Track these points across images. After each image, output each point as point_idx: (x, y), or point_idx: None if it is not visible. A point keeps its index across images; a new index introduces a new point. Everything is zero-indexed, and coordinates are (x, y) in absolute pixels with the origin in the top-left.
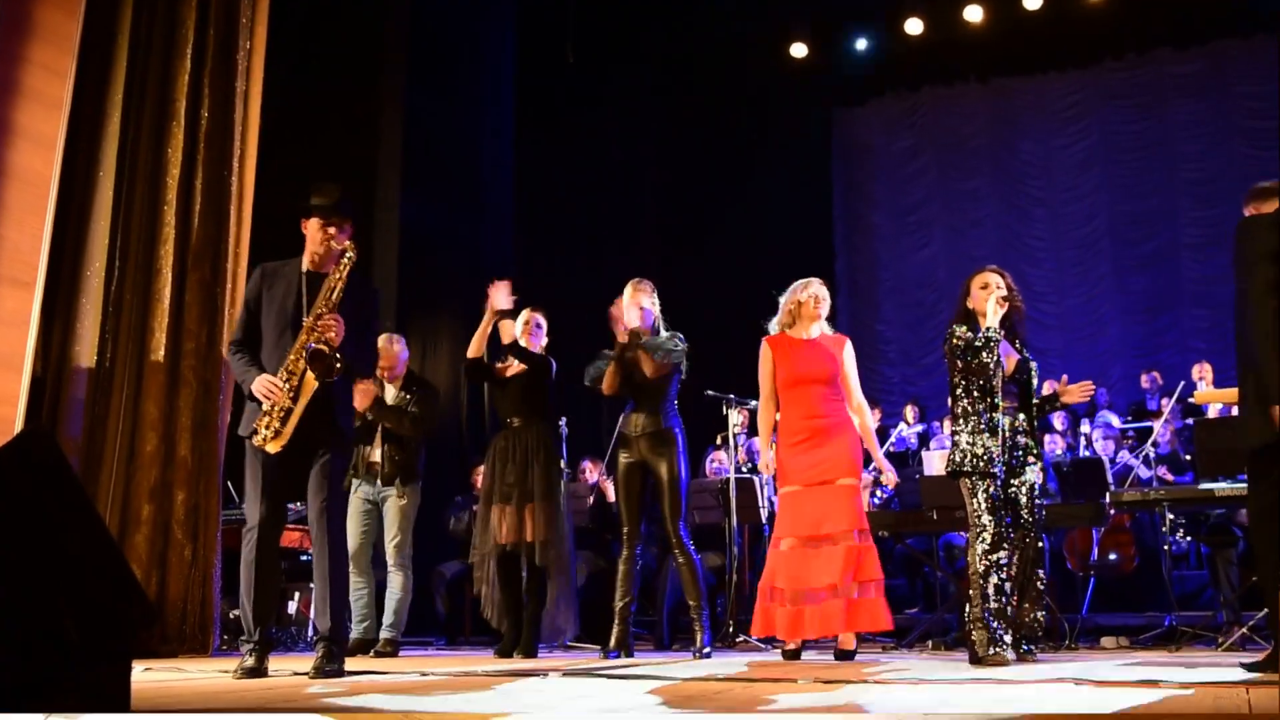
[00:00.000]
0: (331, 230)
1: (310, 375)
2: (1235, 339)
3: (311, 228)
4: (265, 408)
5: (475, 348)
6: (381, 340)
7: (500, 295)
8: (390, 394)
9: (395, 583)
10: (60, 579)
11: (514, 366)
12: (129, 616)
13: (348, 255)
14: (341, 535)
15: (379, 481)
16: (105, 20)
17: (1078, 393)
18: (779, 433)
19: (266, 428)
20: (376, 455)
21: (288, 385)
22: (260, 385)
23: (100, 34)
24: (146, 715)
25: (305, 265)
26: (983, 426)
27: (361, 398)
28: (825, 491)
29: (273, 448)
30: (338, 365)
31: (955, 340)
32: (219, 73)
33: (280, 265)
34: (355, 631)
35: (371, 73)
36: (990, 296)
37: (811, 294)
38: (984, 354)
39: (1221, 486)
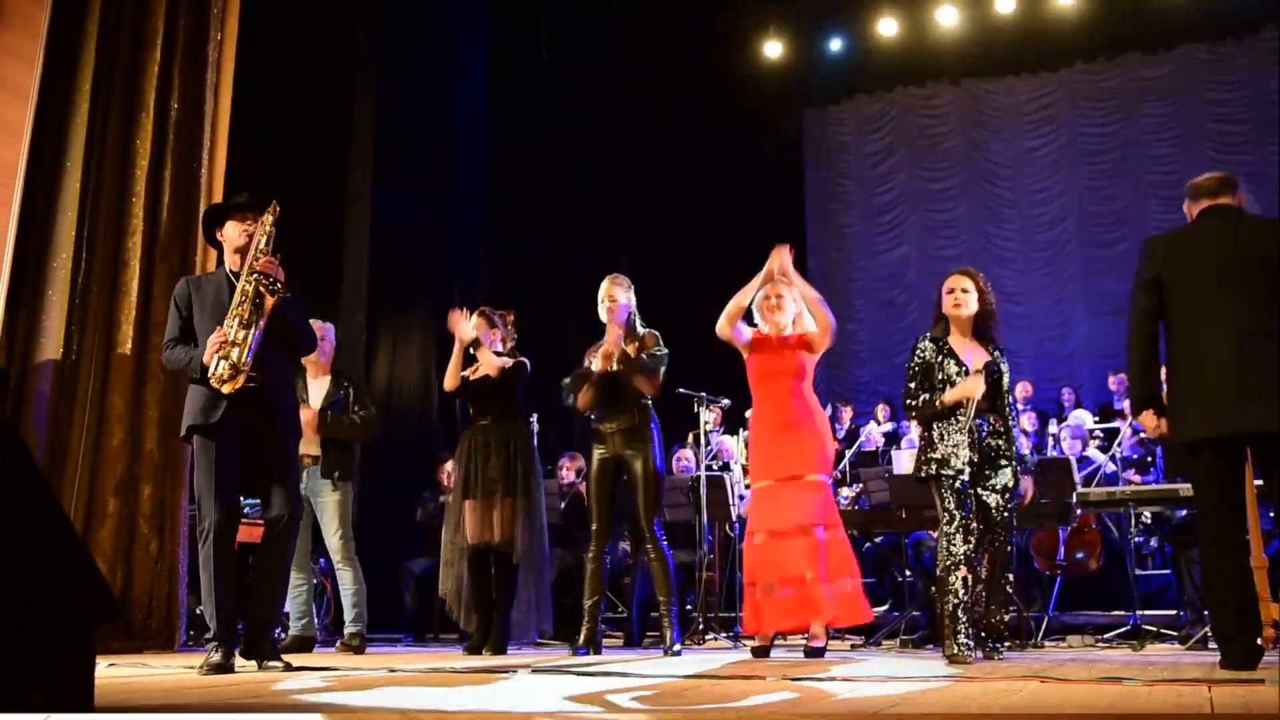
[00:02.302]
0: (248, 223)
1: (266, 301)
2: None
3: (229, 227)
4: (218, 353)
5: (451, 380)
6: (320, 327)
7: (464, 325)
8: (321, 388)
9: (345, 578)
10: (21, 572)
11: (481, 369)
12: (92, 611)
13: (271, 205)
14: (295, 540)
15: (316, 476)
16: (73, 7)
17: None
18: (750, 425)
19: (222, 369)
20: (312, 449)
21: (237, 323)
22: (210, 343)
23: (68, 22)
24: (110, 716)
25: (229, 267)
26: (949, 428)
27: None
28: (795, 487)
29: (229, 388)
30: (281, 286)
31: (916, 356)
32: (189, 64)
33: (202, 276)
34: (294, 629)
35: (342, 64)
36: (947, 301)
37: (763, 294)
38: (939, 372)
39: (1187, 487)
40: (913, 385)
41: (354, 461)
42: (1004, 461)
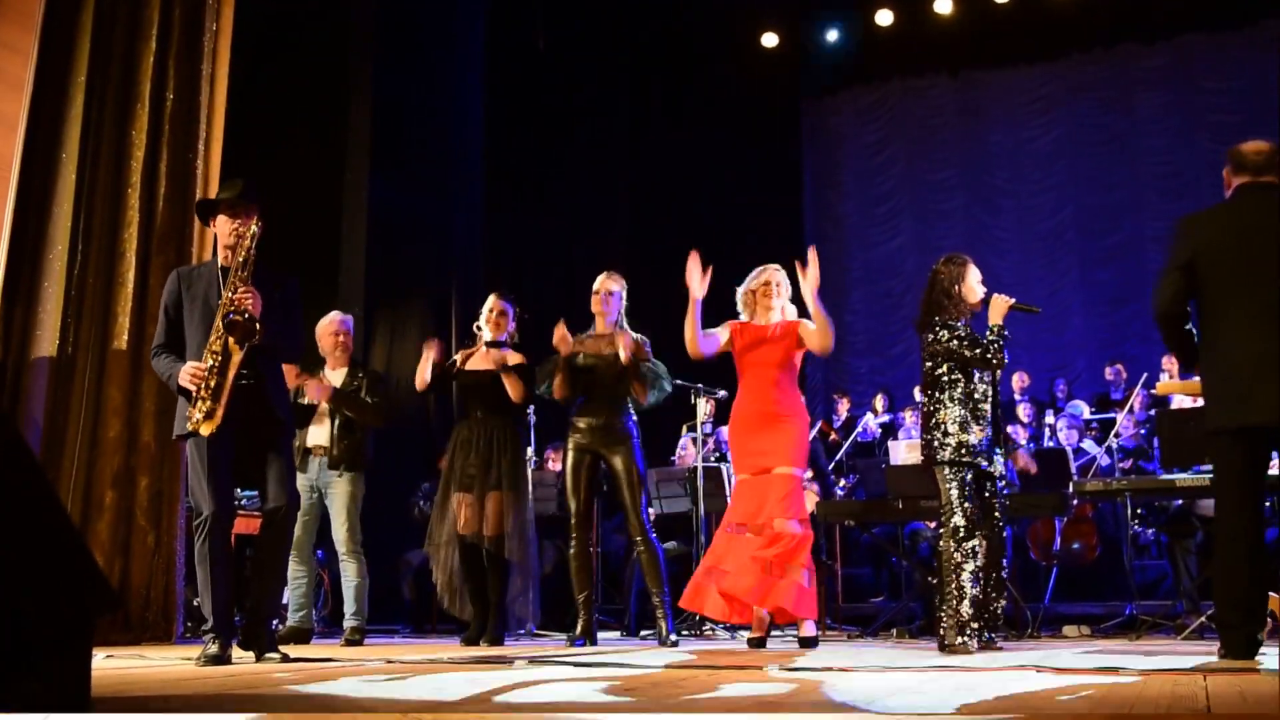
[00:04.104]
0: (239, 220)
1: (231, 348)
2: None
3: (220, 223)
4: (195, 392)
5: (421, 380)
6: (334, 320)
7: (433, 352)
8: (337, 380)
9: (350, 570)
10: (19, 565)
11: (477, 360)
12: (90, 602)
13: (254, 228)
14: (293, 531)
15: (326, 467)
16: None
17: None
18: (731, 416)
19: (199, 410)
20: (322, 439)
21: (212, 365)
22: (185, 372)
23: (63, 13)
24: (109, 716)
25: (220, 262)
26: (976, 416)
27: (317, 392)
28: (764, 480)
29: (206, 429)
30: (257, 329)
31: (955, 330)
32: (184, 55)
33: (195, 267)
34: (292, 620)
35: (340, 55)
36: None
37: (761, 281)
38: (991, 349)
39: (1183, 477)
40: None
41: (364, 452)
42: (998, 450)
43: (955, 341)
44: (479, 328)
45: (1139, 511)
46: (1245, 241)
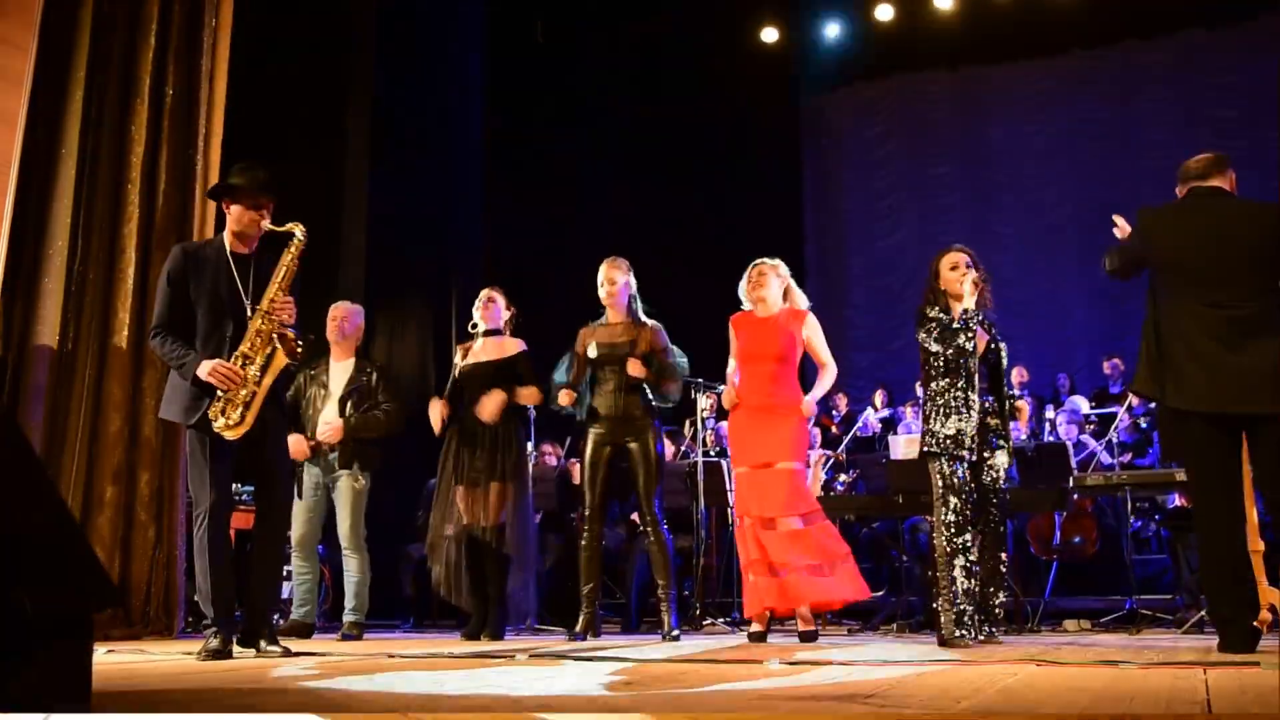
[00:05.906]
0: (258, 213)
1: (278, 358)
2: None
3: (235, 211)
4: (223, 394)
5: (438, 426)
6: (338, 306)
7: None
8: (344, 372)
9: (352, 565)
10: (19, 559)
11: (475, 355)
12: (90, 598)
13: (297, 237)
14: (288, 524)
15: (335, 463)
16: None
17: None
18: (731, 409)
19: (225, 415)
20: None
21: (253, 370)
22: (216, 371)
23: (63, 8)
24: (108, 716)
25: (229, 246)
26: (955, 408)
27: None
28: (766, 475)
29: (232, 435)
30: (299, 346)
31: (930, 323)
32: (184, 50)
33: (200, 246)
34: (295, 614)
35: (340, 51)
36: (967, 277)
37: (751, 272)
38: (961, 336)
39: (1183, 471)
40: (935, 345)
41: (376, 452)
42: (1001, 443)
43: (927, 334)
44: (474, 325)
45: (1139, 505)
46: (1192, 239)
